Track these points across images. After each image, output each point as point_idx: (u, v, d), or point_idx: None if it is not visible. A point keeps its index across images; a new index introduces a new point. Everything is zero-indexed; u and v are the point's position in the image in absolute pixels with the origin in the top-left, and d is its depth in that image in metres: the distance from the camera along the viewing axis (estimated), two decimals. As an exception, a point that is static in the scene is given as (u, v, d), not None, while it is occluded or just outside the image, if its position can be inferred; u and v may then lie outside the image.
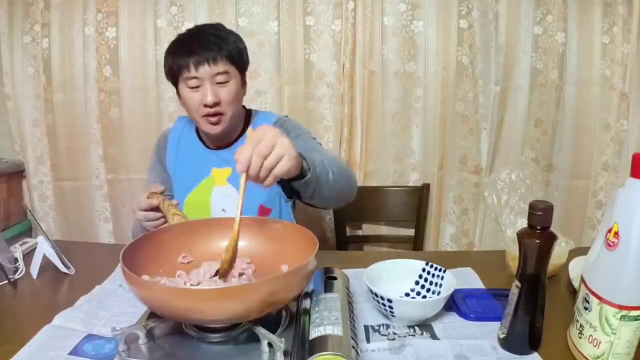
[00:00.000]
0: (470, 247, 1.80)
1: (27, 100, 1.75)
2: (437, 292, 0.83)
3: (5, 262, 0.97)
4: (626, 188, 0.62)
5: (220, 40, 1.04)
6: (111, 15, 1.65)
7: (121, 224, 1.83)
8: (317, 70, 1.66)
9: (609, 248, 0.62)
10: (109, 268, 0.98)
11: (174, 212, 0.93)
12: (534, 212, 0.67)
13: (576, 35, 1.62)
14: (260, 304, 0.61)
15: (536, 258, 0.67)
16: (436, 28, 1.62)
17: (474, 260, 1.03)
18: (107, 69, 1.68)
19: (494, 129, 1.68)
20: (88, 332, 0.76)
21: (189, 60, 1.02)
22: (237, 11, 1.62)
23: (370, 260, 0.87)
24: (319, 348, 0.59)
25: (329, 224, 1.77)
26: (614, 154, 1.68)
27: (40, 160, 1.81)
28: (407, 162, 1.75)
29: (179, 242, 0.80)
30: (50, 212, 1.86)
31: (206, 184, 1.15)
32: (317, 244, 0.70)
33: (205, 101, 1.03)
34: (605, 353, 0.63)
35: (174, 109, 1.65)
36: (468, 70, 1.64)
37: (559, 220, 1.66)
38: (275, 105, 1.68)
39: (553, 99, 1.66)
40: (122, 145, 1.75)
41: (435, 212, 1.76)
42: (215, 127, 1.07)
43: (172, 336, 0.67)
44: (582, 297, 0.67)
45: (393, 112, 1.69)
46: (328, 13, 1.62)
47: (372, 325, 0.79)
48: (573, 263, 0.90)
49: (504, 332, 0.71)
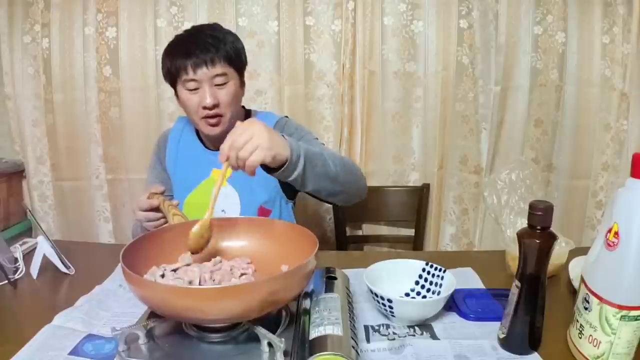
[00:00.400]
0: (470, 247, 1.80)
1: (27, 100, 1.75)
2: (437, 292, 0.83)
3: (5, 262, 0.97)
4: (626, 188, 0.62)
5: (218, 41, 1.03)
6: (111, 15, 1.65)
7: (121, 224, 1.83)
8: (317, 70, 1.66)
9: (609, 248, 0.62)
10: (109, 268, 0.98)
11: (174, 212, 0.93)
12: (534, 212, 0.67)
13: (576, 35, 1.62)
14: (260, 303, 0.61)
15: (536, 258, 0.67)
16: (436, 28, 1.62)
17: (474, 260, 1.03)
18: (107, 69, 1.68)
19: (494, 129, 1.68)
20: (88, 332, 0.76)
21: (186, 62, 1.01)
22: (237, 11, 1.62)
23: (370, 260, 0.87)
24: (319, 348, 0.59)
25: (329, 224, 1.77)
26: (614, 154, 1.67)
27: (40, 160, 1.81)
28: (407, 162, 1.75)
29: (179, 242, 0.80)
30: (50, 212, 1.86)
31: (206, 184, 1.15)
32: (317, 244, 0.70)
33: (204, 103, 1.03)
34: (605, 353, 0.63)
35: (174, 109, 1.65)
36: (468, 70, 1.64)
37: (559, 220, 1.66)
38: (275, 105, 1.68)
39: (553, 99, 1.66)
40: (122, 145, 1.75)
41: (435, 212, 1.76)
42: (214, 129, 1.07)
43: (172, 336, 0.67)
44: (582, 297, 0.67)
45: (393, 112, 1.69)
46: (328, 13, 1.62)
47: (372, 325, 0.79)
48: (573, 263, 0.90)
49: (504, 332, 0.71)
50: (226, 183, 1.14)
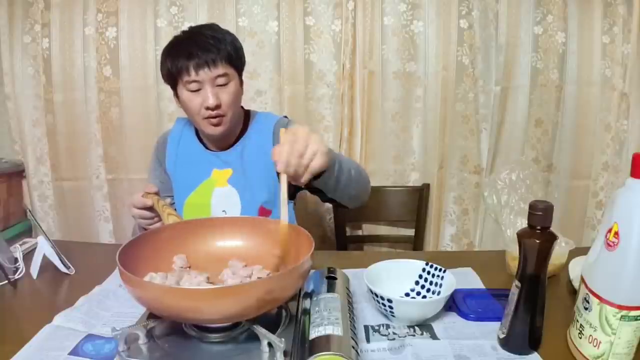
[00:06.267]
0: (471, 248, 1.80)
1: (27, 100, 1.75)
2: (437, 292, 0.83)
3: (5, 262, 0.97)
4: (626, 188, 0.62)
5: (218, 41, 1.03)
6: (111, 15, 1.65)
7: (121, 224, 1.83)
8: (317, 70, 1.66)
9: (609, 248, 0.62)
10: (109, 268, 0.98)
11: (169, 212, 0.93)
12: (534, 212, 0.67)
13: (576, 35, 1.62)
14: (256, 303, 0.61)
15: (536, 258, 0.67)
16: (436, 28, 1.62)
17: (474, 260, 1.03)
18: (107, 69, 1.68)
19: (494, 129, 1.68)
20: (88, 332, 0.76)
21: (188, 63, 1.01)
22: (237, 11, 1.62)
23: (370, 260, 0.87)
24: (319, 348, 0.59)
25: (329, 224, 1.77)
26: (614, 154, 1.68)
27: (40, 160, 1.81)
28: (407, 162, 1.75)
29: (175, 242, 0.80)
30: (50, 212, 1.86)
31: (207, 185, 1.15)
32: (313, 244, 0.70)
33: (207, 104, 1.02)
34: (605, 353, 0.63)
35: (174, 109, 1.65)
36: (468, 70, 1.64)
37: (559, 220, 1.66)
38: (276, 105, 1.68)
39: (553, 99, 1.66)
40: (122, 145, 1.75)
41: (435, 212, 1.76)
42: (216, 129, 1.07)
43: (172, 336, 0.67)
44: (582, 297, 0.67)
45: (393, 112, 1.69)
46: (328, 13, 1.62)
47: (372, 325, 0.79)
48: (573, 263, 0.90)
49: (504, 332, 0.71)
50: (227, 184, 1.14)
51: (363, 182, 1.03)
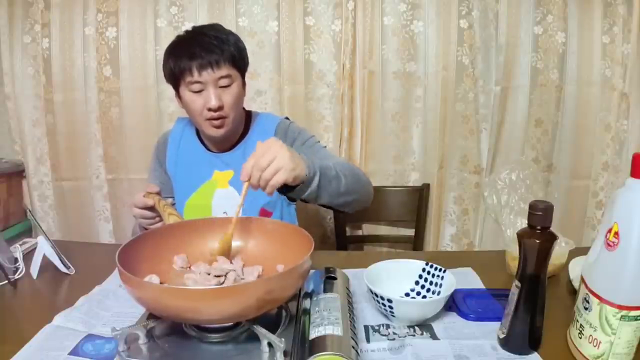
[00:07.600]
0: (471, 248, 1.80)
1: (27, 100, 1.75)
2: (437, 292, 0.83)
3: (5, 262, 0.97)
4: (626, 188, 0.62)
5: (222, 42, 1.02)
6: (111, 15, 1.65)
7: (121, 224, 1.83)
8: (317, 70, 1.66)
9: (609, 248, 0.62)
10: (109, 268, 0.98)
11: (170, 212, 0.93)
12: (534, 212, 0.67)
13: (576, 35, 1.62)
14: (255, 303, 0.61)
15: (536, 258, 0.67)
16: (436, 28, 1.62)
17: (474, 260, 1.03)
18: (107, 69, 1.68)
19: (494, 129, 1.68)
20: (88, 332, 0.76)
21: (191, 64, 1.00)
22: (237, 11, 1.62)
23: (370, 260, 0.87)
24: (319, 348, 0.59)
25: (329, 224, 1.77)
26: (614, 154, 1.67)
27: (40, 160, 1.81)
28: (407, 162, 1.75)
29: (175, 242, 0.80)
30: (50, 212, 1.86)
31: (208, 186, 1.15)
32: (313, 244, 0.70)
33: (210, 105, 1.02)
34: (605, 353, 0.63)
35: (174, 109, 1.65)
36: (468, 70, 1.64)
37: (559, 220, 1.66)
38: (275, 105, 1.68)
39: (553, 99, 1.66)
40: (122, 145, 1.75)
41: (435, 212, 1.76)
42: (218, 130, 1.07)
43: (172, 336, 0.67)
44: (582, 297, 0.67)
45: (393, 112, 1.69)
46: (328, 13, 1.62)
47: (372, 325, 0.79)
48: (573, 263, 0.90)
49: (504, 332, 0.71)
50: (228, 185, 1.14)
51: (361, 188, 1.01)
